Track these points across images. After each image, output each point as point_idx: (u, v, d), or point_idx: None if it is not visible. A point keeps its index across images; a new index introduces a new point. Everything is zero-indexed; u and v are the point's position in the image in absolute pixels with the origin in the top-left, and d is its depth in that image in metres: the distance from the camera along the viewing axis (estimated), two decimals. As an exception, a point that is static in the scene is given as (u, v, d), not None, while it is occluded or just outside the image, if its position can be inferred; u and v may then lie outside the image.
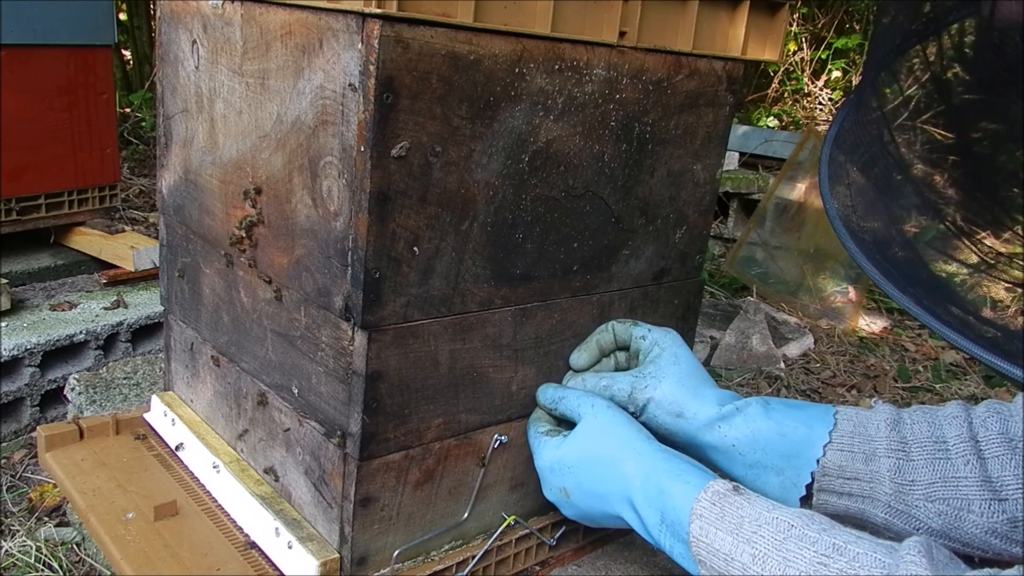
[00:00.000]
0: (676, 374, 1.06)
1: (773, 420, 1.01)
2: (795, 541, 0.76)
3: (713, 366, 2.36)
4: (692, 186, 1.19)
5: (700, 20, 1.07)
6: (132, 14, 4.53)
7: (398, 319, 0.94)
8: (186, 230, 1.25)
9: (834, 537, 0.75)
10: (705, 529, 0.83)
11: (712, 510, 0.83)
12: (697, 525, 0.84)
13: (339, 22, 0.85)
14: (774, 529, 0.78)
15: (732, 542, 0.80)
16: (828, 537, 0.75)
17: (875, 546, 0.73)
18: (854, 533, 0.76)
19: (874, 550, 0.72)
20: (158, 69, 1.26)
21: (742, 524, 0.80)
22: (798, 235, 2.92)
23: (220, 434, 1.26)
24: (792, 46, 5.57)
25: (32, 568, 1.31)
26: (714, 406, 1.04)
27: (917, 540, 0.71)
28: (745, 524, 0.80)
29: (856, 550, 0.73)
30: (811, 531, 0.76)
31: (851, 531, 0.76)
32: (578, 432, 1.03)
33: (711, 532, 0.82)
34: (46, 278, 2.16)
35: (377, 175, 0.86)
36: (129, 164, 3.73)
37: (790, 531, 0.77)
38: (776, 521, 0.79)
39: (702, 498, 0.85)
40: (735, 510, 0.82)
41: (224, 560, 1.07)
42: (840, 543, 0.74)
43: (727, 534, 0.81)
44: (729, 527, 0.81)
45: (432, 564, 1.06)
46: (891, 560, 0.71)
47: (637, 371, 1.08)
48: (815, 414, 1.00)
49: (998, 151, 0.59)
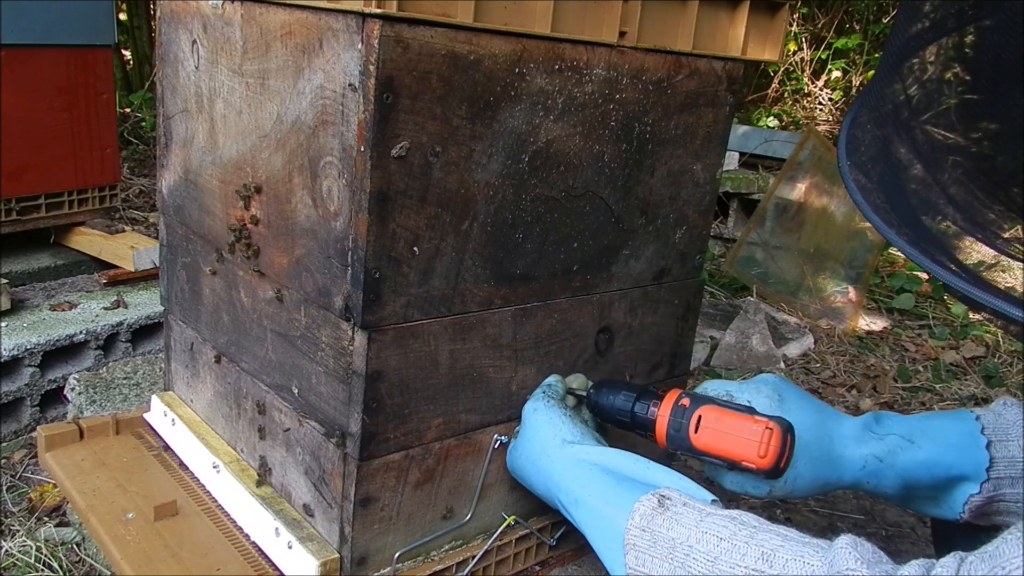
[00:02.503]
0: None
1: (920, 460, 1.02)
2: (726, 559, 0.77)
3: (713, 366, 2.36)
4: (692, 186, 1.19)
5: (700, 20, 1.07)
6: (132, 14, 4.53)
7: (398, 319, 0.94)
8: (186, 230, 1.25)
9: (761, 544, 0.76)
10: (640, 559, 0.83)
11: (643, 537, 0.84)
12: (632, 556, 0.84)
13: (339, 22, 0.85)
14: (705, 548, 0.79)
15: (668, 568, 0.81)
16: (756, 546, 0.76)
17: (803, 547, 0.74)
18: (782, 533, 0.77)
19: (802, 553, 0.73)
20: (158, 69, 1.26)
21: (674, 548, 0.81)
22: (798, 235, 2.92)
23: (220, 434, 1.26)
24: (792, 46, 5.57)
25: (32, 568, 1.31)
26: (855, 450, 1.04)
27: (848, 540, 0.72)
28: (678, 548, 0.81)
29: (785, 556, 0.74)
30: (740, 540, 0.77)
31: (779, 531, 0.77)
32: (517, 439, 1.08)
33: (647, 561, 0.83)
34: (46, 278, 2.15)
35: (377, 175, 0.86)
36: (129, 164, 3.73)
37: (720, 546, 0.78)
38: (706, 537, 0.79)
39: (631, 526, 0.85)
40: (665, 532, 0.82)
41: (224, 560, 1.07)
42: (768, 550, 0.75)
43: (662, 561, 0.82)
44: (662, 553, 0.82)
45: (432, 564, 1.06)
46: (821, 562, 0.72)
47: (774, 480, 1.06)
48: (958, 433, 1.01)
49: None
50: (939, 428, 1.03)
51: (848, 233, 2.94)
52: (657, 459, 0.97)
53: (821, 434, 1.04)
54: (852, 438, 1.04)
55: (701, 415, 1.00)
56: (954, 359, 2.56)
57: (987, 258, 0.63)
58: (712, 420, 0.99)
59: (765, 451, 0.96)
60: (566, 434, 1.01)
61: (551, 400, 1.07)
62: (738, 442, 0.97)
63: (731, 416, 0.99)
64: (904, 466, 1.01)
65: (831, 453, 1.04)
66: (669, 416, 1.02)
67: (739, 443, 0.97)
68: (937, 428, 1.03)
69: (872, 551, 0.72)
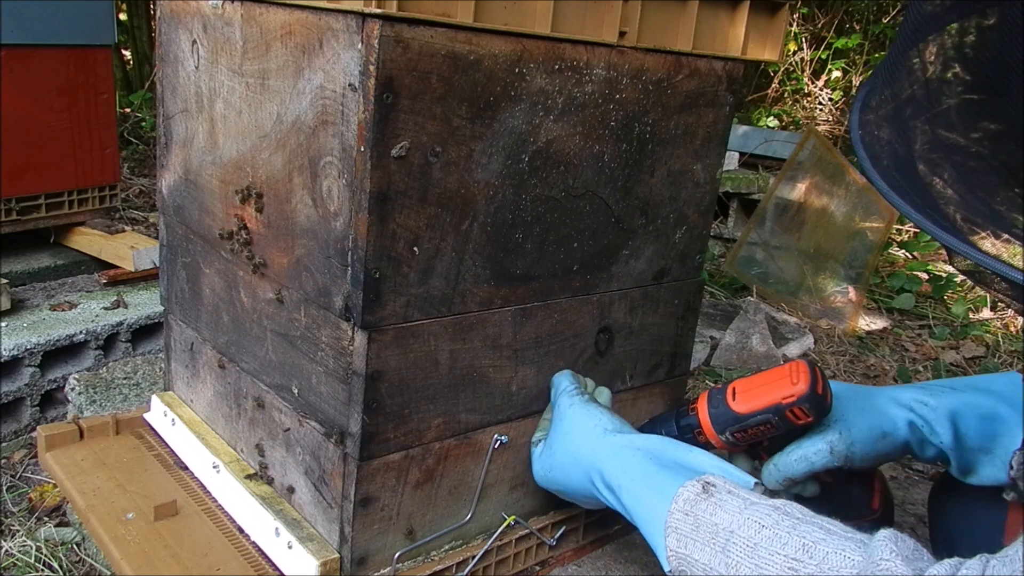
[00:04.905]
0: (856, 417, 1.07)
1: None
2: (766, 546, 0.77)
3: (713, 366, 2.36)
4: (692, 186, 1.19)
5: (700, 20, 1.07)
6: (132, 14, 4.53)
7: (398, 319, 0.94)
8: (186, 230, 1.25)
9: (804, 536, 0.76)
10: (682, 541, 0.84)
11: (686, 521, 0.84)
12: (673, 539, 0.85)
13: (339, 22, 0.85)
14: (747, 534, 0.79)
15: (708, 552, 0.81)
16: (798, 537, 0.76)
17: (844, 542, 0.74)
18: (825, 526, 0.77)
19: (843, 547, 0.73)
20: (158, 69, 1.26)
21: (716, 533, 0.81)
22: (798, 235, 2.92)
23: (220, 434, 1.26)
24: (792, 46, 5.56)
25: (32, 568, 1.31)
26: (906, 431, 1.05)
27: (887, 534, 0.72)
28: (719, 533, 0.81)
29: (826, 549, 0.74)
30: (782, 529, 0.77)
31: (823, 524, 0.77)
32: (550, 438, 1.08)
33: (688, 544, 0.83)
34: (46, 278, 2.15)
35: (377, 175, 0.86)
36: (129, 164, 3.73)
37: (761, 533, 0.78)
38: (748, 523, 0.80)
39: (675, 510, 0.86)
40: (708, 517, 0.83)
41: (224, 560, 1.07)
42: (810, 542, 0.75)
43: (703, 545, 0.82)
44: (704, 538, 0.82)
45: (432, 564, 1.06)
46: (861, 557, 0.72)
47: (827, 434, 1.06)
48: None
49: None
50: (982, 379, 1.05)
51: (848, 233, 2.94)
52: None
53: (861, 392, 1.07)
54: (894, 390, 1.07)
55: (734, 387, 1.07)
56: (954, 359, 2.56)
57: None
58: (743, 385, 1.06)
59: (797, 377, 1.01)
60: (607, 423, 1.02)
61: (584, 395, 1.08)
62: (771, 386, 1.03)
63: (759, 375, 1.06)
64: (951, 407, 1.02)
65: (877, 404, 1.06)
66: (707, 404, 1.08)
67: (773, 387, 1.03)
68: (980, 380, 1.05)
69: (914, 547, 0.72)
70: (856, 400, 1.06)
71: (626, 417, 1.18)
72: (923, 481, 1.73)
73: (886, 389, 1.08)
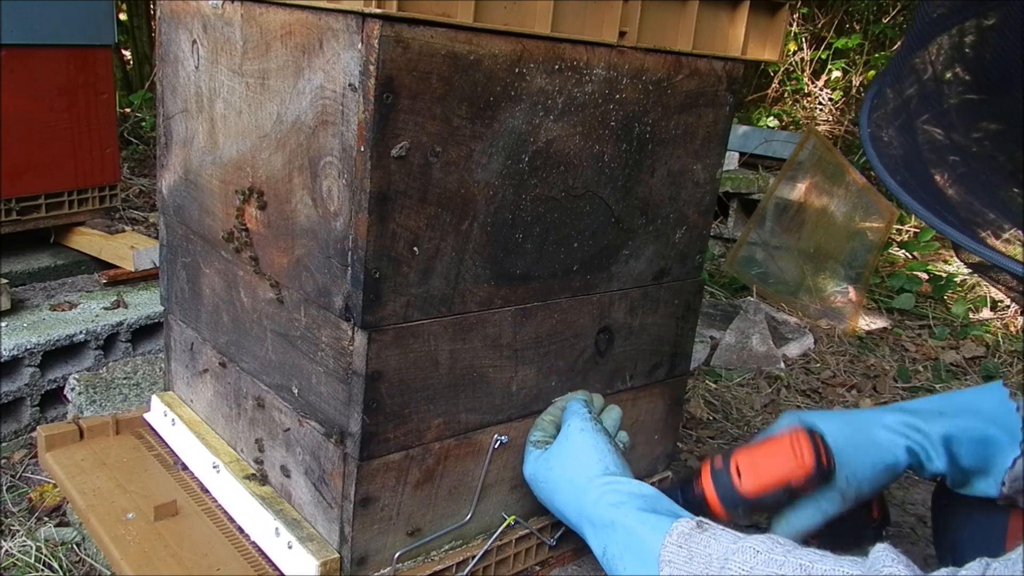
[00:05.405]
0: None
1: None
2: (762, 569, 0.78)
3: (713, 366, 2.36)
4: (692, 186, 1.19)
5: (700, 20, 1.07)
6: (132, 14, 4.52)
7: (398, 319, 0.94)
8: (186, 230, 1.25)
9: (799, 558, 0.77)
10: (676, 572, 0.84)
11: (680, 554, 0.85)
12: (667, 570, 0.85)
13: (339, 22, 0.85)
14: (742, 559, 0.80)
15: None
16: (795, 559, 0.77)
17: (840, 561, 0.75)
18: (817, 553, 0.78)
19: (840, 564, 0.75)
20: (158, 69, 1.26)
21: (710, 562, 0.82)
22: (798, 235, 2.92)
23: (220, 434, 1.26)
24: (792, 46, 5.56)
25: (32, 568, 1.31)
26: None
27: (884, 546, 0.73)
28: (714, 561, 0.82)
29: (824, 567, 0.75)
30: (777, 554, 0.78)
31: (815, 551, 0.78)
32: (552, 451, 1.07)
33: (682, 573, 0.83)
34: (46, 278, 2.15)
35: (377, 175, 0.86)
36: (129, 164, 3.73)
37: (756, 558, 0.79)
38: (743, 550, 0.80)
39: (668, 543, 0.86)
40: (702, 548, 0.83)
41: (224, 560, 1.07)
42: (807, 563, 0.76)
43: (698, 574, 0.82)
44: (699, 567, 0.83)
45: (432, 564, 1.06)
46: (859, 570, 0.73)
47: (834, 483, 1.07)
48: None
49: None
50: (966, 398, 1.07)
51: (848, 233, 2.94)
52: None
53: (855, 425, 1.07)
54: (884, 417, 1.07)
55: (737, 463, 1.04)
56: (954, 359, 2.56)
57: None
58: (746, 460, 1.04)
59: (800, 450, 1.01)
60: (610, 464, 1.02)
61: (597, 424, 1.07)
62: (776, 462, 1.02)
63: (758, 447, 1.04)
64: (944, 434, 1.04)
65: (872, 436, 1.07)
66: (713, 484, 1.06)
67: (778, 463, 1.02)
68: (965, 399, 1.07)
69: (907, 561, 0.74)
70: (853, 437, 1.07)
71: (626, 417, 1.18)
72: (923, 481, 1.73)
73: (875, 415, 1.09)
